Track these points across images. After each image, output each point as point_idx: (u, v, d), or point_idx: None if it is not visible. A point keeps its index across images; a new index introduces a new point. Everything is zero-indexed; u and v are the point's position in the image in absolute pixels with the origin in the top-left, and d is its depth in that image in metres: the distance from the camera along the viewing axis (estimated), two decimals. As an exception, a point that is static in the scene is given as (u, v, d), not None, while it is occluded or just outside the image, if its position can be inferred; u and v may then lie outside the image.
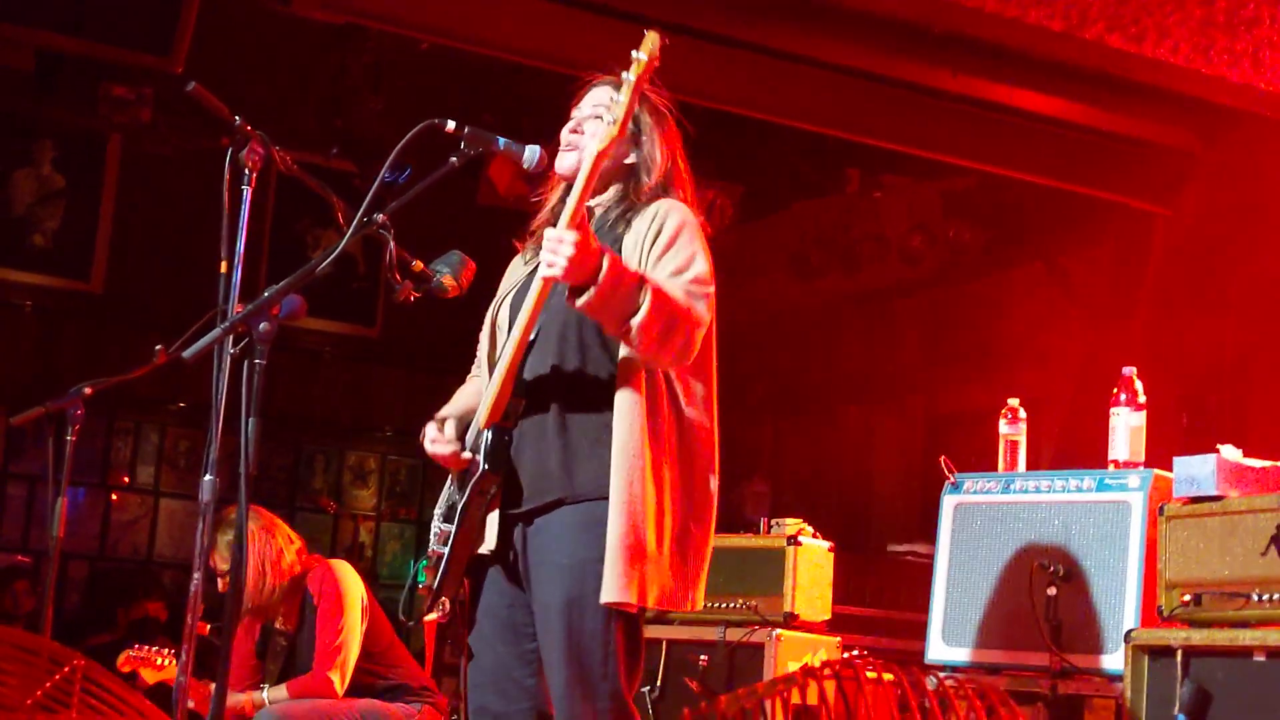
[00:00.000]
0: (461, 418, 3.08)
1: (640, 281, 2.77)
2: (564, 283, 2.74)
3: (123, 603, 8.45)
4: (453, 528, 2.95)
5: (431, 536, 3.02)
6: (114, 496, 9.81)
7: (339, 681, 4.59)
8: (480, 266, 3.29)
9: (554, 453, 2.92)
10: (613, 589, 2.79)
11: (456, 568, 2.96)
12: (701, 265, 2.95)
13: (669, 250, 2.93)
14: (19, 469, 9.35)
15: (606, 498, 2.85)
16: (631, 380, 2.88)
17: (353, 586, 4.74)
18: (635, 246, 2.96)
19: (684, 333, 2.84)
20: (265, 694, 4.62)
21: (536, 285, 2.85)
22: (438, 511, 3.04)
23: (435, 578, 2.96)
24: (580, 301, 2.73)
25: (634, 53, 2.72)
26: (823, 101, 6.66)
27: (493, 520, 2.99)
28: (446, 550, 2.95)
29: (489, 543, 2.99)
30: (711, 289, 2.94)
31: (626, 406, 2.86)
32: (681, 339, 2.85)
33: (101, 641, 7.92)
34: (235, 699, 4.61)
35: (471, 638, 3.04)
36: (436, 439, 3.01)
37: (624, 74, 2.73)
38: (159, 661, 4.72)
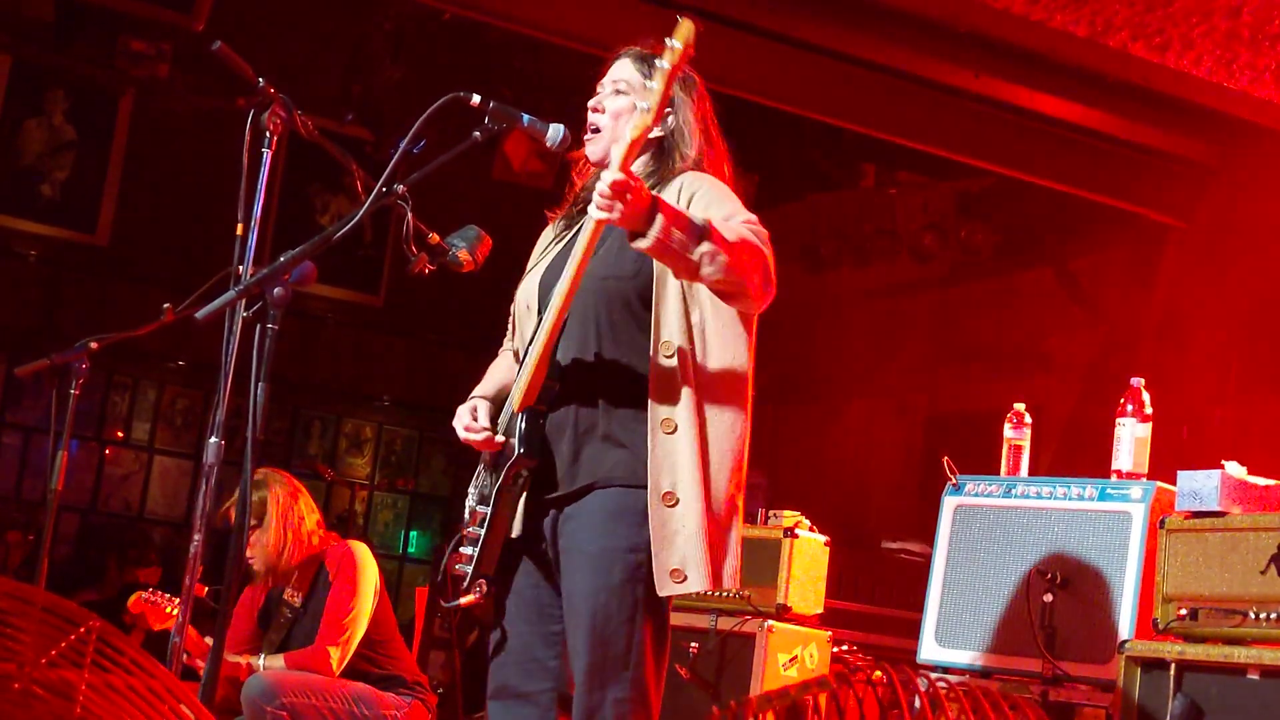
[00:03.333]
0: (495, 399, 3.04)
1: (694, 217, 2.70)
2: (619, 227, 2.67)
3: (115, 561, 8.44)
4: (488, 510, 2.92)
5: (465, 516, 2.99)
6: (108, 451, 9.81)
7: (337, 659, 4.58)
8: (493, 242, 3.27)
9: (588, 438, 2.89)
10: (700, 577, 2.80)
11: (493, 550, 2.94)
12: (749, 213, 2.89)
13: (708, 206, 2.86)
14: (15, 419, 9.34)
15: (637, 485, 2.84)
16: (682, 365, 2.85)
17: (370, 571, 4.73)
18: None
19: (760, 259, 2.78)
20: (261, 660, 4.61)
21: (570, 268, 2.81)
22: (471, 492, 3.02)
23: (472, 559, 2.94)
24: (645, 244, 2.65)
25: (668, 40, 2.64)
26: (842, 94, 6.63)
27: (520, 505, 2.96)
28: (483, 532, 2.92)
29: (516, 526, 2.96)
30: (767, 233, 2.87)
31: (681, 394, 2.84)
32: (761, 266, 2.78)
33: (90, 599, 7.92)
34: (233, 661, 4.60)
35: (496, 617, 3.03)
36: (470, 426, 2.97)
37: (658, 61, 2.65)
38: (168, 610, 4.71)
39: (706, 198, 2.90)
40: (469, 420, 2.98)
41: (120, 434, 9.86)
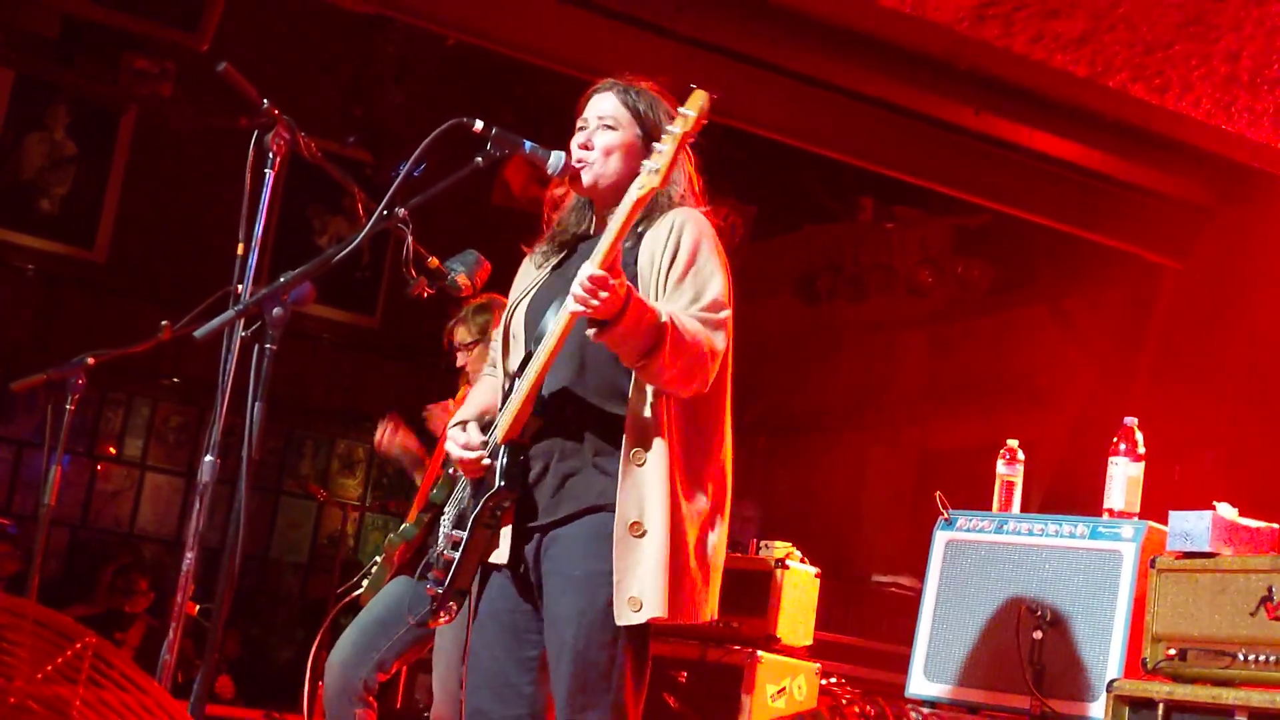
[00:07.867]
0: (479, 421, 3.04)
1: (658, 320, 2.76)
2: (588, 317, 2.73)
3: (105, 576, 8.41)
4: (464, 535, 2.92)
5: (440, 539, 2.99)
6: (99, 467, 9.79)
7: None
8: (492, 267, 3.28)
9: (572, 467, 2.91)
10: (656, 605, 2.80)
11: (465, 575, 2.94)
12: (718, 287, 2.93)
13: (686, 274, 2.91)
14: (7, 433, 9.32)
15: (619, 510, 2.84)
16: (655, 399, 2.87)
17: None
18: (651, 263, 2.94)
19: (702, 367, 2.85)
20: None
21: (562, 318, 2.81)
22: (446, 515, 3.03)
23: (443, 583, 2.94)
24: (598, 334, 2.73)
25: (681, 109, 2.73)
26: (842, 128, 6.66)
27: (505, 532, 2.97)
28: (457, 556, 2.92)
29: (502, 554, 2.97)
30: (728, 313, 2.93)
31: (654, 426, 2.86)
32: (701, 374, 2.86)
33: (81, 615, 7.90)
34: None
35: (472, 640, 3.03)
36: (467, 444, 2.97)
37: (669, 127, 2.72)
38: None
39: (685, 259, 2.92)
40: (464, 439, 2.98)
41: (112, 450, 9.84)
